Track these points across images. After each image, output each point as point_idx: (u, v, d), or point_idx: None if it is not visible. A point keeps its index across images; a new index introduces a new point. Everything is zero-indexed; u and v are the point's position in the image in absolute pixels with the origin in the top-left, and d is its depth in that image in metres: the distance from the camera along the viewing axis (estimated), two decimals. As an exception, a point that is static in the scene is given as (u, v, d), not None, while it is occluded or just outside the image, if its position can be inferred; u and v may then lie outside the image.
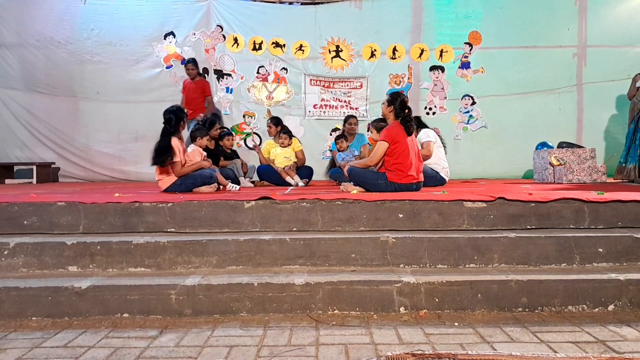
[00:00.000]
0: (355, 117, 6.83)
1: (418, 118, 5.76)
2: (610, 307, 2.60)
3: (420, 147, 5.02)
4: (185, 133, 5.15)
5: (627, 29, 7.74)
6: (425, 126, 5.70)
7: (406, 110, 4.41)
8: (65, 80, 7.81)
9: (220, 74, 7.97)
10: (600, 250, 2.97)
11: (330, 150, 7.07)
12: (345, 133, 6.58)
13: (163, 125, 4.59)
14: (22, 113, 7.77)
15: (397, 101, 4.42)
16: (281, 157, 6.24)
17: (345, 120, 6.70)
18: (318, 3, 8.32)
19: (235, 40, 7.95)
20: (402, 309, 2.60)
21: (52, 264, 2.97)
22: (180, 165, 4.52)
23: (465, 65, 8.02)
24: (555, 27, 7.86)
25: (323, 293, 2.61)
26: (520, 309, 2.61)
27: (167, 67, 7.89)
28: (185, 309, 2.58)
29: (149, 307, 2.58)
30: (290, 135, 6.38)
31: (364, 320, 2.49)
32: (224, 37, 7.94)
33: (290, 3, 8.93)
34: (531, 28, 7.87)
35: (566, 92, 7.89)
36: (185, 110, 5.16)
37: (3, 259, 2.96)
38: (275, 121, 6.60)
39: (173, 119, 4.57)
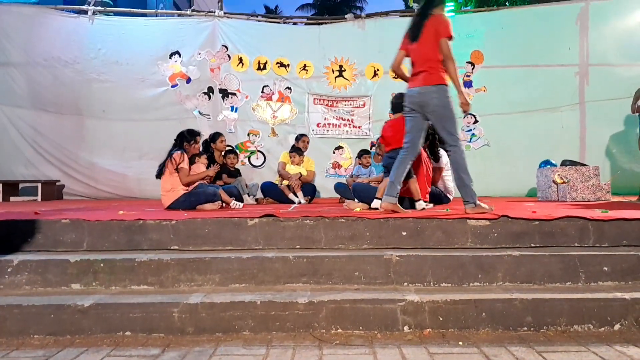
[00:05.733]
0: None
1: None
2: (617, 327, 2.57)
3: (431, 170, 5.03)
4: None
5: (628, 47, 7.79)
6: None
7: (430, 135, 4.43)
8: (71, 99, 7.90)
9: (225, 93, 8.05)
10: (606, 268, 2.95)
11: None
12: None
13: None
14: (28, 131, 7.83)
15: None
16: (294, 172, 6.33)
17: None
18: (322, 23, 8.45)
19: (240, 60, 8.05)
20: (406, 328, 2.57)
21: (56, 281, 2.96)
22: (186, 172, 4.66)
23: (467, 84, 8.07)
24: (556, 46, 7.92)
25: (326, 312, 2.59)
26: (525, 328, 2.58)
27: (172, 86, 7.97)
28: (187, 327, 2.57)
29: (151, 325, 2.57)
30: (300, 153, 6.52)
31: (367, 340, 2.47)
32: (229, 56, 8.04)
33: (295, 23, 9.10)
34: (532, 47, 7.94)
35: (569, 110, 7.91)
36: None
37: (6, 276, 2.96)
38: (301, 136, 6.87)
39: (177, 139, 4.87)
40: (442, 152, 5.35)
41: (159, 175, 4.65)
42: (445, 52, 3.75)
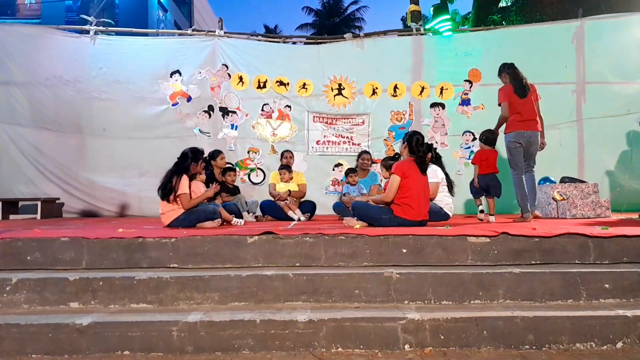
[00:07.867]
0: (369, 153, 6.93)
1: (434, 149, 5.78)
2: (619, 345, 2.56)
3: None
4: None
5: (623, 65, 7.86)
6: (439, 158, 5.75)
7: (421, 148, 4.47)
8: (72, 118, 7.94)
9: (225, 111, 8.10)
10: (607, 286, 2.94)
11: (341, 180, 7.00)
12: (358, 168, 6.64)
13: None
14: (29, 149, 7.85)
15: (413, 139, 4.53)
16: (284, 190, 6.34)
17: (359, 156, 6.83)
18: (321, 42, 8.54)
19: (240, 78, 8.12)
20: (406, 347, 2.56)
21: (54, 300, 2.95)
22: (187, 198, 4.58)
23: (465, 102, 8.13)
24: (553, 65, 7.99)
25: (326, 330, 2.58)
26: (527, 346, 2.56)
27: (172, 105, 8.02)
28: (186, 346, 2.55)
29: (150, 344, 2.55)
30: (289, 169, 6.55)
31: (368, 359, 2.45)
32: (229, 75, 8.11)
33: (294, 43, 9.19)
34: (529, 65, 7.91)
35: (566, 128, 7.95)
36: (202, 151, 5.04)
37: (5, 295, 2.94)
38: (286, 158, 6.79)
39: (180, 159, 4.76)
40: (436, 167, 5.41)
41: (163, 197, 4.56)
42: (539, 111, 5.58)
